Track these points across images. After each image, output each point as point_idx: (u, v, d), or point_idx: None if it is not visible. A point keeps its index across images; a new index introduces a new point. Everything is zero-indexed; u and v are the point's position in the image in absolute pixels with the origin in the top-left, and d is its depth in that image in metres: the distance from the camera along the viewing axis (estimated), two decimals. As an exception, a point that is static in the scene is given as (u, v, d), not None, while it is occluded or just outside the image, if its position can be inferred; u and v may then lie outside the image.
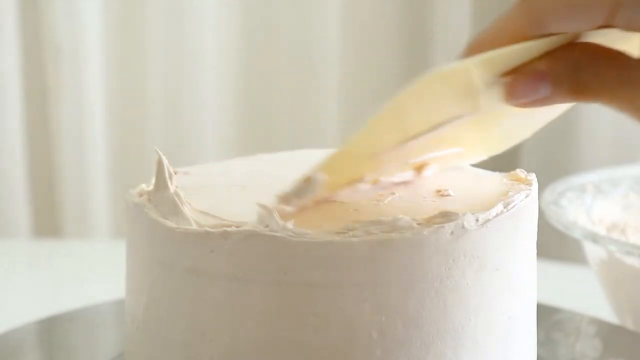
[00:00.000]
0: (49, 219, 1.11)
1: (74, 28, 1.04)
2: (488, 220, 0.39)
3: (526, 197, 0.41)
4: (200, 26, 1.08)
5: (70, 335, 0.57)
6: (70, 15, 1.04)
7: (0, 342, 0.54)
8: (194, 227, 0.39)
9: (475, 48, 0.38)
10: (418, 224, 0.38)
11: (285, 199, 0.39)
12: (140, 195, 0.42)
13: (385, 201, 0.41)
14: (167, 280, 0.40)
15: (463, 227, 0.38)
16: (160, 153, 0.42)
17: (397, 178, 0.44)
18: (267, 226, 0.37)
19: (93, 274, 0.80)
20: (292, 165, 0.45)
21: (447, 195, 0.42)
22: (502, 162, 0.47)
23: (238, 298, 0.38)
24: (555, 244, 0.80)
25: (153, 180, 0.43)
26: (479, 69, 0.37)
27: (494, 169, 0.47)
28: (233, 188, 0.44)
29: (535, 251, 0.43)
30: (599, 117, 1.05)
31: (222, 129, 1.12)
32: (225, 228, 0.38)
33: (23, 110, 1.06)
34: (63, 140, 1.07)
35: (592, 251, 0.63)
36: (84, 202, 1.08)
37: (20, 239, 1.06)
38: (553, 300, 0.59)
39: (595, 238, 0.59)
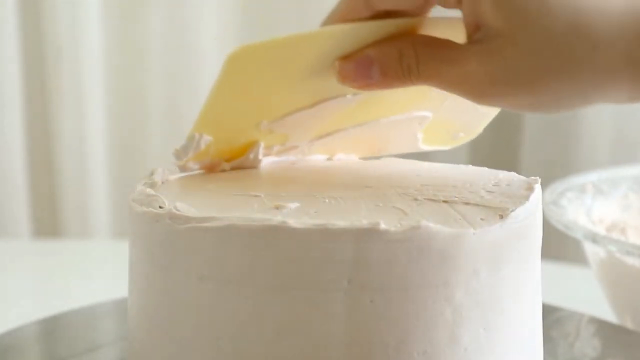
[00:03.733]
0: (49, 219, 1.11)
1: (74, 29, 1.04)
2: (504, 225, 0.38)
3: (535, 202, 0.41)
4: (199, 27, 1.08)
5: (70, 335, 0.57)
6: (70, 16, 1.04)
7: (0, 342, 0.54)
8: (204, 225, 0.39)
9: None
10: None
11: (178, 154, 0.44)
12: (142, 194, 0.42)
13: (411, 208, 0.40)
14: (173, 284, 0.40)
15: (479, 232, 0.37)
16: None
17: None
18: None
19: (93, 274, 0.80)
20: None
21: (453, 201, 0.41)
22: (502, 162, 0.47)
23: (248, 302, 0.38)
24: (555, 244, 0.80)
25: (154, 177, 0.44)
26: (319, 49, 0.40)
27: (495, 165, 0.47)
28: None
29: (540, 252, 0.42)
30: (599, 118, 1.05)
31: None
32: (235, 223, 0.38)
33: (23, 111, 1.06)
34: (63, 141, 1.07)
35: (592, 251, 0.63)
36: (84, 202, 1.08)
37: (21, 239, 1.06)
38: (553, 300, 0.59)
39: (595, 238, 0.59)
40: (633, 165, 0.73)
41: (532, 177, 0.44)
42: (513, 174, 0.45)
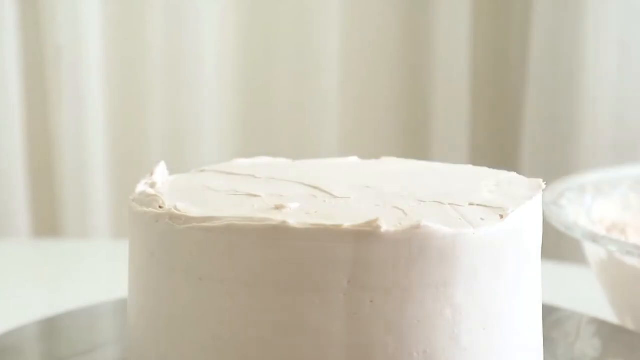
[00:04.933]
0: (49, 219, 1.11)
1: (74, 30, 1.04)
2: (505, 226, 0.38)
3: (536, 203, 0.41)
4: (200, 29, 1.08)
5: (70, 335, 0.57)
6: (70, 17, 1.04)
7: (0, 342, 0.54)
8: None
9: None
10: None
11: None
12: (141, 195, 0.42)
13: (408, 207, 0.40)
14: (173, 284, 0.40)
15: (479, 232, 0.37)
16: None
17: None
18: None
19: (93, 274, 0.80)
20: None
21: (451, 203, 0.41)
22: (503, 162, 0.47)
23: (247, 302, 0.38)
24: (555, 244, 0.80)
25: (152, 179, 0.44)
26: None
27: (495, 164, 0.46)
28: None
29: (540, 252, 0.42)
30: (600, 118, 1.05)
31: (222, 131, 1.12)
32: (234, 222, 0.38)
33: (23, 111, 1.06)
34: (63, 141, 1.07)
35: (592, 251, 0.62)
36: (84, 202, 1.08)
37: (20, 239, 1.06)
38: (553, 300, 0.59)
39: (595, 238, 0.59)
40: (633, 165, 0.73)
41: (534, 178, 0.44)
42: (514, 174, 0.45)
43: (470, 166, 0.47)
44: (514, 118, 1.11)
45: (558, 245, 0.86)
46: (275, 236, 0.36)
